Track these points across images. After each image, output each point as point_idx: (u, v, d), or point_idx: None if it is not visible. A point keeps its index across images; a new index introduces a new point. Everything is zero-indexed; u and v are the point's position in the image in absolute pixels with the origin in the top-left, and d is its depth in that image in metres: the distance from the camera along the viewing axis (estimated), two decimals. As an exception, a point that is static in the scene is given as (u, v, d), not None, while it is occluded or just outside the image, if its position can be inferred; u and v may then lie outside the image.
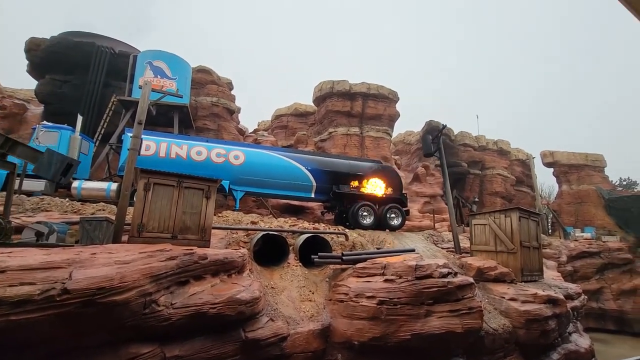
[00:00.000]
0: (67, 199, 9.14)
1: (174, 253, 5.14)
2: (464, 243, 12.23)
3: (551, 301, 8.34)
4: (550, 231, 28.58)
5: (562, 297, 8.80)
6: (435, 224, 19.72)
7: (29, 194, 9.19)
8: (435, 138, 12.41)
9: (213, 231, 7.51)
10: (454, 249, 11.77)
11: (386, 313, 5.92)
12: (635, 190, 37.28)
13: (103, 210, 8.61)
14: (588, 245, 21.99)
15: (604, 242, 23.02)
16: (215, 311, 4.89)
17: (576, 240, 22.79)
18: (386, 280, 6.36)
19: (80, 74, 16.90)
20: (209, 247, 6.45)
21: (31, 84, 18.94)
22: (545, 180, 39.00)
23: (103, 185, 10.32)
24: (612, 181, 32.92)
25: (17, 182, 9.32)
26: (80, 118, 11.84)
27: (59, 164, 5.93)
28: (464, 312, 6.11)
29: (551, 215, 28.95)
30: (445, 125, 12.39)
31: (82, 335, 4.05)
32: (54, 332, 3.78)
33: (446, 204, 24.64)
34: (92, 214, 8.16)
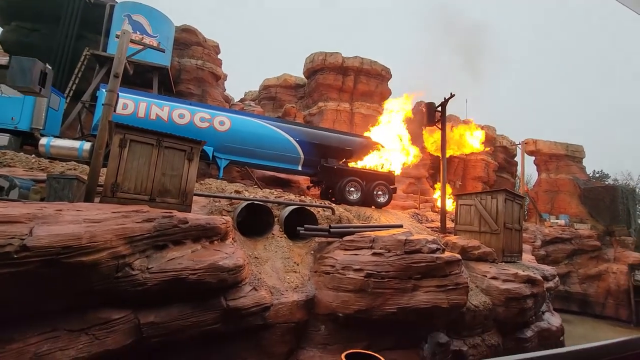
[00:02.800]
0: (33, 156, 8.42)
1: (151, 215, 4.74)
2: (448, 223, 12.29)
3: (530, 281, 8.52)
4: (526, 217, 29.58)
5: (540, 277, 9.02)
6: (419, 205, 19.87)
7: (-10, 148, 8.41)
8: (440, 106, 12.03)
9: (194, 199, 7.08)
10: (436, 228, 11.81)
11: (373, 286, 5.79)
12: (607, 182, 38.91)
13: (74, 169, 7.97)
14: (561, 232, 22.87)
15: (575, 229, 24.01)
16: (195, 277, 4.57)
17: (551, 227, 23.64)
18: (374, 254, 6.20)
19: (51, 23, 15.41)
20: (190, 212, 6.06)
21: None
22: (526, 168, 39.98)
23: (75, 143, 9.56)
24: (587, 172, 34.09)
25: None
26: (49, 70, 10.78)
27: (34, 69, 5.31)
28: (450, 287, 6.07)
29: (528, 201, 29.86)
30: (453, 95, 11.88)
31: (44, 299, 3.67)
32: (11, 294, 3.37)
33: (431, 187, 24.89)
34: (62, 172, 7.52)
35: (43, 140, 9.24)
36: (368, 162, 13.75)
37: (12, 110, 9.45)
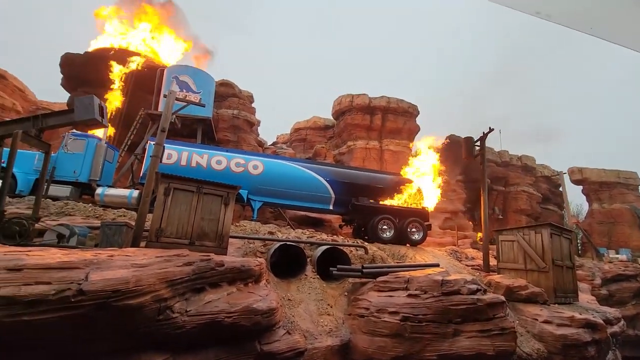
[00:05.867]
0: (90, 205, 9.30)
1: (190, 258, 5.02)
2: (491, 261, 11.59)
3: (590, 325, 7.67)
4: (580, 252, 27.01)
5: (601, 321, 8.09)
6: (458, 241, 18.98)
7: (55, 198, 9.42)
8: (479, 141, 11.84)
9: (230, 240, 7.38)
10: (478, 267, 11.16)
11: (410, 330, 5.53)
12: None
13: (124, 216, 8.68)
14: (624, 268, 20.47)
15: (641, 265, 21.45)
16: (230, 320, 4.68)
17: (610, 262, 21.32)
18: (410, 295, 5.99)
19: (109, 87, 17.63)
20: (226, 255, 6.31)
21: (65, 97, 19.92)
22: (574, 199, 37.13)
23: (125, 192, 10.47)
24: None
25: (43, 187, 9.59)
26: (106, 128, 12.20)
27: (92, 104, 6.07)
28: (495, 332, 5.63)
29: (581, 234, 27.39)
30: (493, 129, 11.69)
31: (93, 340, 3.92)
32: (65, 335, 3.67)
33: (469, 221, 23.81)
34: (113, 219, 8.22)
35: (98, 190, 10.23)
36: (400, 199, 13.60)
37: (75, 164, 10.67)
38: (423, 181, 14.43)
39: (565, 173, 27.53)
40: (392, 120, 23.93)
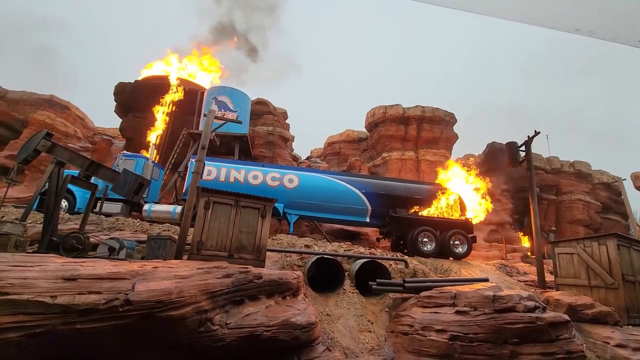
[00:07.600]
0: (138, 220, 9.86)
1: (229, 270, 5.05)
2: (547, 276, 10.57)
3: (674, 351, 6.62)
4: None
5: (689, 347, 6.95)
6: (506, 255, 17.61)
7: (108, 215, 10.11)
8: (524, 145, 10.98)
9: (267, 254, 7.38)
10: (532, 282, 10.22)
11: (460, 351, 5.08)
12: None
13: (168, 230, 9.07)
14: None
15: None
16: (269, 334, 4.59)
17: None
18: (458, 312, 5.55)
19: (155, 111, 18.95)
20: (263, 268, 6.30)
21: (117, 122, 21.71)
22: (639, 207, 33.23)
23: (169, 208, 11.01)
24: None
25: (98, 204, 10.36)
26: (153, 148, 13.04)
27: (132, 183, 6.40)
28: (561, 356, 5.00)
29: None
30: (539, 132, 10.86)
31: (139, 351, 4.01)
32: (113, 345, 3.78)
33: (521, 234, 22.14)
34: (158, 233, 8.62)
35: (146, 207, 10.86)
36: (441, 210, 12.98)
37: (125, 183, 11.45)
38: (465, 191, 13.72)
39: (625, 180, 24.82)
40: (428, 130, 23.23)
